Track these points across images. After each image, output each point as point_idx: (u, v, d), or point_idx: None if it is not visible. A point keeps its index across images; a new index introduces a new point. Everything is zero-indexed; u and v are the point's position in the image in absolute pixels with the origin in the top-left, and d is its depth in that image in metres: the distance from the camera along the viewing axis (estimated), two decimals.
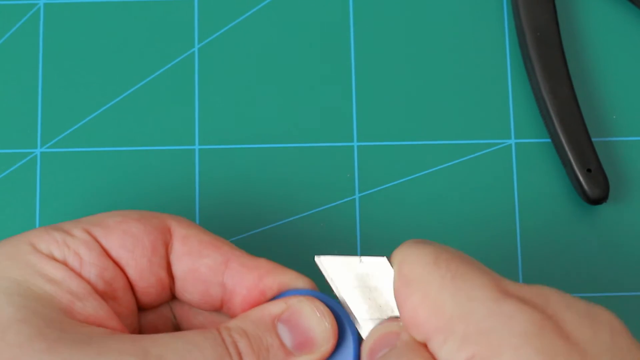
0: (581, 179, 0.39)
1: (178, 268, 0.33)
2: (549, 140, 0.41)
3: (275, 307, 0.31)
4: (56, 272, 0.30)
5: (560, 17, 0.42)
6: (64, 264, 0.31)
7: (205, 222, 0.40)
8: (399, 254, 0.29)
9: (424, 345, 0.28)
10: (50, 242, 0.31)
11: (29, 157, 0.41)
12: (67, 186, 0.41)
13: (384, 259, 0.31)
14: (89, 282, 0.31)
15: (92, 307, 0.30)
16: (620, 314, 0.40)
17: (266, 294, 0.32)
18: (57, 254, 0.31)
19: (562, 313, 0.27)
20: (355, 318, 0.31)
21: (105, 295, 0.31)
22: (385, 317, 0.30)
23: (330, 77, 0.42)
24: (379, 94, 0.42)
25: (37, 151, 0.41)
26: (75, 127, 0.41)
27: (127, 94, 0.42)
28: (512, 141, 0.41)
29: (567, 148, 0.40)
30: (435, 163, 0.41)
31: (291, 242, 0.40)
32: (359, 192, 0.41)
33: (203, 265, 0.32)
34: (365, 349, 0.30)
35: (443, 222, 0.40)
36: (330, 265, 0.31)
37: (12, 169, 0.41)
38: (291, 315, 0.31)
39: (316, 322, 0.31)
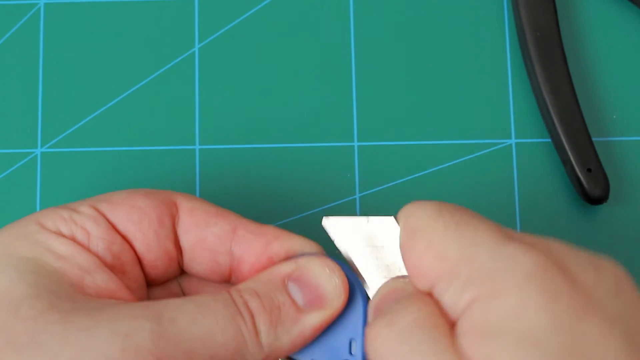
0: (581, 178, 0.39)
1: (186, 239, 0.33)
2: (549, 140, 0.41)
3: (285, 267, 0.31)
4: (64, 248, 0.30)
5: (560, 17, 0.42)
6: (72, 239, 0.31)
7: None
8: (404, 210, 0.30)
9: (429, 295, 0.28)
10: (57, 219, 0.31)
11: (29, 157, 0.41)
12: (67, 186, 0.41)
13: (391, 218, 0.31)
14: (97, 256, 0.31)
15: (102, 280, 0.30)
16: None
17: (274, 260, 0.32)
18: (65, 230, 0.31)
19: (566, 258, 0.27)
20: (363, 278, 0.31)
21: (113, 269, 0.31)
22: (393, 277, 0.30)
23: (330, 77, 0.42)
24: (379, 94, 0.42)
25: (37, 151, 0.41)
26: (75, 127, 0.41)
27: (127, 94, 0.42)
28: (512, 141, 0.41)
29: (567, 148, 0.40)
30: (435, 163, 0.41)
31: None
32: (359, 192, 0.41)
33: (210, 234, 0.33)
34: (371, 305, 0.30)
35: None
36: (337, 226, 0.31)
37: (12, 169, 0.41)
38: (301, 273, 0.31)
39: (326, 278, 0.31)
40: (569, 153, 0.40)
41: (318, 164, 0.41)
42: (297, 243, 0.32)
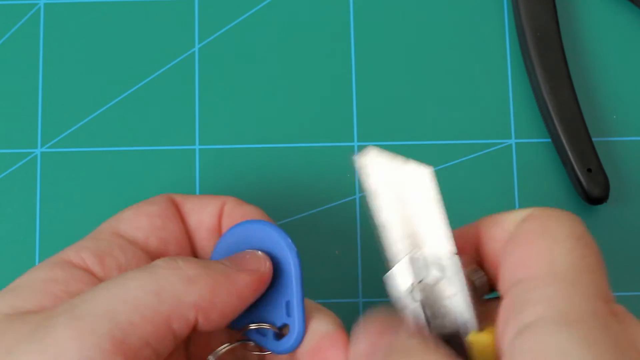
0: (581, 178, 0.39)
1: (190, 225, 0.34)
2: (549, 140, 0.41)
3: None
4: (59, 276, 0.30)
5: (560, 17, 0.42)
6: (89, 269, 0.31)
7: None
8: (544, 213, 0.29)
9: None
10: (81, 250, 0.31)
11: (29, 157, 0.41)
12: (67, 186, 0.41)
13: (428, 172, 0.29)
14: None
15: None
16: None
17: None
18: (91, 260, 0.31)
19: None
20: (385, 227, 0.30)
21: None
22: (411, 233, 0.30)
23: (330, 77, 0.42)
24: (379, 94, 0.42)
25: (37, 151, 0.41)
26: (75, 127, 0.41)
27: (127, 94, 0.42)
28: (512, 141, 0.41)
29: (567, 148, 0.40)
30: (435, 163, 0.41)
31: None
32: (359, 192, 0.41)
33: (207, 214, 0.34)
34: (369, 331, 0.29)
35: None
36: (373, 160, 0.30)
37: (12, 169, 0.41)
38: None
39: (250, 253, 0.32)
40: (569, 153, 0.40)
41: (318, 164, 0.41)
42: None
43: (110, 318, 0.27)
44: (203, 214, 0.34)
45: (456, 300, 0.29)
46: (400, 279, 0.31)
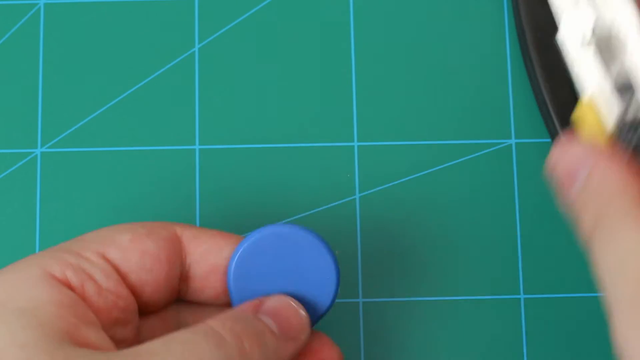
0: None
1: (198, 269, 0.33)
2: (549, 140, 0.41)
3: (250, 302, 0.32)
4: (66, 298, 0.29)
5: None
6: (81, 288, 0.30)
7: (206, 222, 0.40)
8: None
9: None
10: (64, 266, 0.30)
11: (29, 157, 0.41)
12: (67, 186, 0.41)
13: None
14: (99, 309, 0.30)
15: (95, 336, 0.29)
16: None
17: None
18: (74, 279, 0.30)
19: None
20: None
21: (117, 322, 0.31)
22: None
23: (330, 77, 0.42)
24: (379, 94, 0.42)
25: (37, 151, 0.41)
26: (75, 127, 0.41)
27: (127, 94, 0.42)
28: (512, 141, 0.41)
29: None
30: (435, 163, 0.41)
31: None
32: (359, 192, 0.41)
33: (222, 259, 0.33)
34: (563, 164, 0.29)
35: (443, 222, 0.40)
36: None
37: (12, 169, 0.41)
38: (269, 306, 0.32)
39: (294, 311, 0.31)
40: None
41: (318, 164, 0.41)
42: None
43: None
44: (219, 258, 0.33)
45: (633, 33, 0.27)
46: (574, 27, 0.29)
